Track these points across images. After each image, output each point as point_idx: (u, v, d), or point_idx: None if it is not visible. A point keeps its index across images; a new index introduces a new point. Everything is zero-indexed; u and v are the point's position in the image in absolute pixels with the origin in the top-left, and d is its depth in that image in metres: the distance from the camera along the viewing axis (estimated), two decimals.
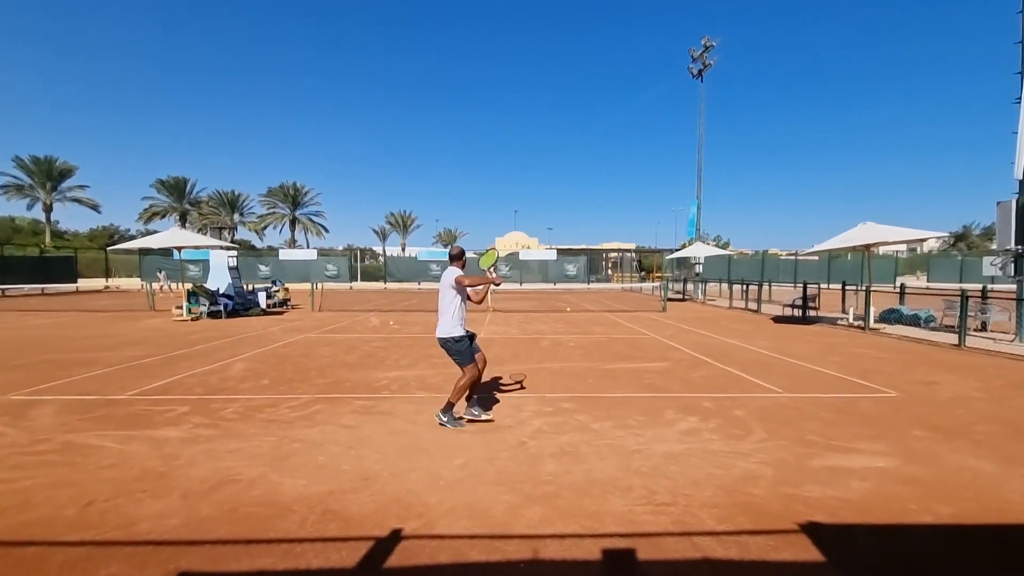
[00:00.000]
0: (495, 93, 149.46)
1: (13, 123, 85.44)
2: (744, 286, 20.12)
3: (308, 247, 51.01)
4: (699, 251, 23.04)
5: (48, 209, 46.08)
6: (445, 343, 4.67)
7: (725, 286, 28.60)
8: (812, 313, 14.86)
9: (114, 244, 50.53)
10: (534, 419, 4.88)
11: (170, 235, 14.34)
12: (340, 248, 62.17)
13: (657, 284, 30.95)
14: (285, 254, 37.13)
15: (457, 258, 4.89)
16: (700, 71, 26.28)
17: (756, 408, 5.30)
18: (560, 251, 40.77)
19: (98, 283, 32.28)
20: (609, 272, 50.80)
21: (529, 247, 62.45)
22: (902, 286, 15.69)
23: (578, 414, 5.05)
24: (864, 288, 12.13)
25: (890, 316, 13.34)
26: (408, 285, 36.01)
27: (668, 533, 2.74)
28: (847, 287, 16.90)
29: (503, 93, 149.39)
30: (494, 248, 5.11)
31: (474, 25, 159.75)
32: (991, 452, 4.04)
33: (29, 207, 46.42)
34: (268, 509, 3.02)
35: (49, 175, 44.49)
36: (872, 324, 12.04)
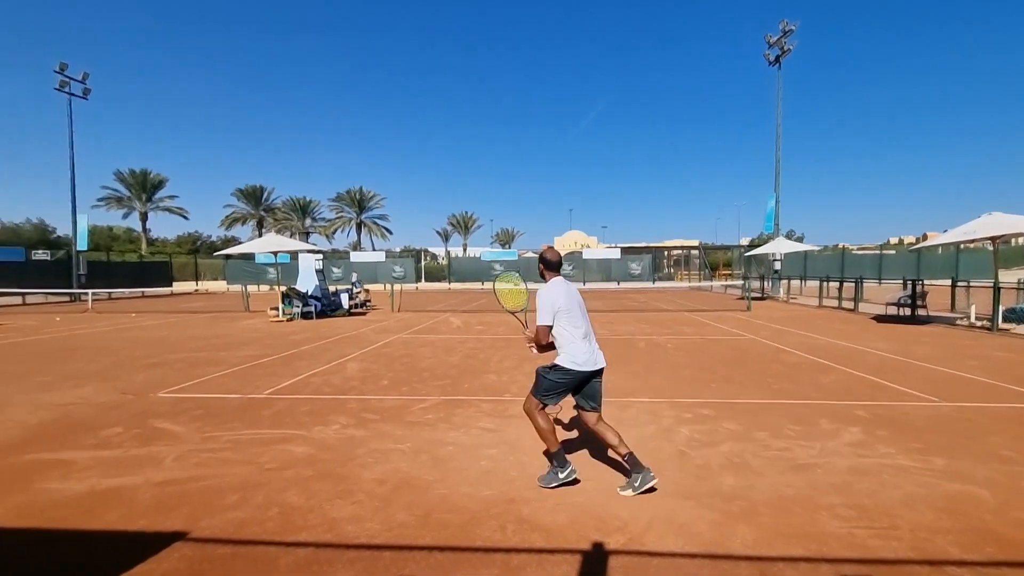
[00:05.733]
0: (551, 103, 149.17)
1: (106, 136, 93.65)
2: (833, 283, 18.86)
3: (373, 249, 52.77)
4: (780, 247, 21.82)
5: (144, 218, 50.23)
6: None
7: (807, 283, 27.08)
8: (922, 312, 13.68)
9: (198, 249, 54.44)
10: (679, 426, 4.67)
11: (266, 241, 15.18)
12: (398, 250, 63.97)
13: (726, 283, 29.70)
14: (356, 256, 38.53)
15: (561, 267, 3.55)
16: (777, 57, 24.89)
17: (920, 419, 4.84)
18: (624, 249, 39.97)
19: (189, 286, 34.80)
20: (671, 270, 49.34)
21: (588, 246, 61.75)
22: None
23: (722, 421, 4.79)
24: (992, 284, 10.98)
25: (1010, 315, 12.03)
26: (471, 285, 36.48)
27: (911, 561, 2.47)
28: (958, 284, 15.51)
29: (554, 96, 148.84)
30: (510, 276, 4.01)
31: (525, 27, 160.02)
32: None
33: (125, 216, 50.84)
34: (458, 515, 3.00)
35: (144, 187, 48.51)
36: (1000, 324, 10.90)
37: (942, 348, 9.01)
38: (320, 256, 16.92)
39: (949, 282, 16.11)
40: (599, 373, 3.44)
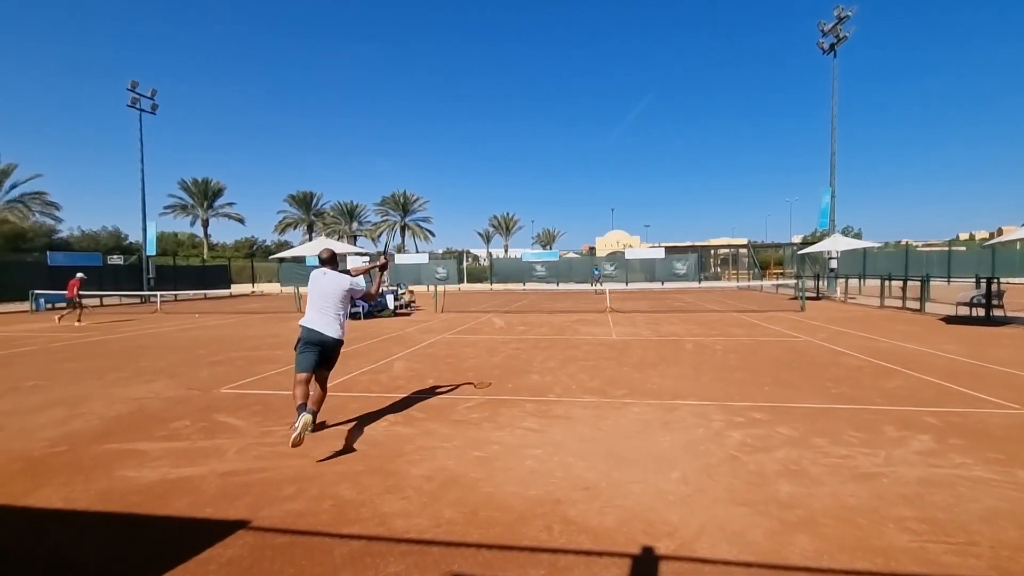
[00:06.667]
0: (590, 101, 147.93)
1: (168, 146, 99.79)
2: (896, 282, 17.73)
3: (416, 251, 53.87)
4: (837, 244, 20.75)
5: (205, 224, 53.33)
6: (337, 346, 4.56)
7: (866, 283, 25.60)
8: (998, 312, 12.67)
9: (254, 253, 57.18)
10: (730, 430, 4.51)
11: (316, 244, 15.80)
12: (441, 251, 65.00)
13: (777, 282, 28.48)
14: (400, 258, 39.44)
15: (331, 261, 4.73)
16: (832, 45, 23.65)
17: (1000, 427, 4.48)
18: (668, 248, 39.07)
19: (246, 288, 36.63)
20: (718, 270, 47.79)
21: (631, 245, 60.72)
22: None
23: (777, 426, 4.60)
24: None
25: None
26: (512, 286, 36.64)
27: None
28: None
29: (596, 94, 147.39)
30: None
31: (566, 31, 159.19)
32: None
33: (192, 223, 54.22)
34: (505, 514, 3.02)
35: (205, 195, 51.50)
36: None
37: (1022, 351, 8.31)
38: (367, 259, 17.42)
39: None
40: (326, 344, 4.46)
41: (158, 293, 21.49)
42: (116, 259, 28.00)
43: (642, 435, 4.44)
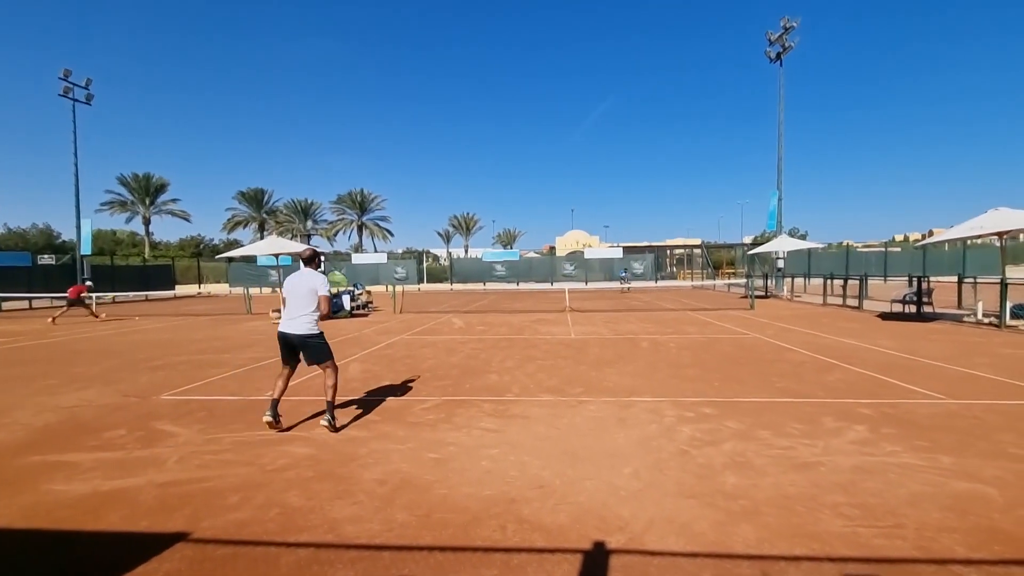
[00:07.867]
0: (550, 103, 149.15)
1: (109, 141, 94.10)
2: (837, 281, 18.77)
3: (375, 251, 52.86)
4: (783, 245, 21.73)
5: (147, 222, 50.47)
6: (307, 339, 4.73)
7: (810, 281, 26.98)
8: (928, 309, 13.59)
9: (201, 252, 54.66)
10: (680, 425, 4.64)
11: (268, 243, 15.23)
12: (400, 251, 64.05)
13: (729, 281, 29.61)
14: (357, 258, 38.62)
15: (311, 260, 4.92)
16: (779, 54, 24.80)
17: (926, 416, 4.80)
18: (626, 248, 39.91)
19: (192, 289, 34.93)
20: (674, 269, 49.23)
21: (590, 245, 61.65)
22: None
23: (725, 420, 4.76)
24: (999, 281, 10.90)
25: (1018, 312, 11.92)
26: (473, 286, 36.52)
27: (916, 560, 2.45)
28: (964, 280, 15.40)
29: (557, 101, 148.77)
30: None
31: (528, 36, 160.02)
32: None
33: (128, 220, 51.12)
34: (459, 515, 2.99)
35: (147, 191, 48.75)
36: (1008, 321, 10.81)
37: (949, 345, 8.94)
38: (322, 259, 16.94)
39: (955, 279, 16.00)
40: (296, 340, 4.72)
41: (93, 295, 20.16)
42: (47, 259, 26.14)
43: (597, 432, 4.50)
